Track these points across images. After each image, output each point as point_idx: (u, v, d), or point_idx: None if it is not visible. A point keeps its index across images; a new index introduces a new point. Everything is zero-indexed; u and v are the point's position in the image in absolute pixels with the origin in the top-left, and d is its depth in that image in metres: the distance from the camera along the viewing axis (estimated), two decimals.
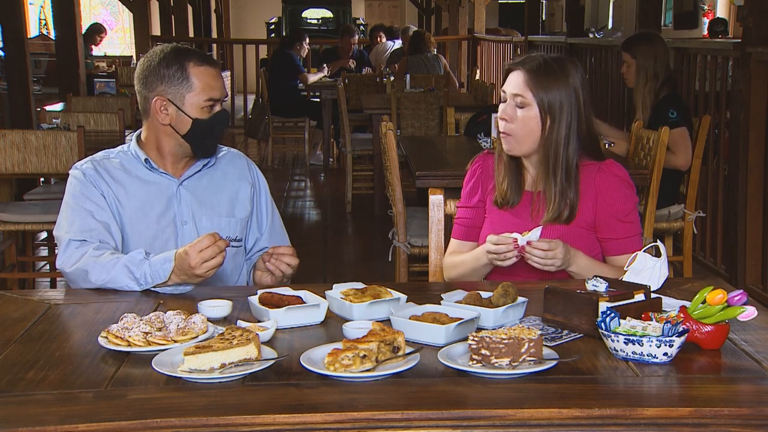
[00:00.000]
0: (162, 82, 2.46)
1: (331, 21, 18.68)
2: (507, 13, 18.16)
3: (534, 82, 2.39)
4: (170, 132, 2.49)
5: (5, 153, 4.33)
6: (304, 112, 9.49)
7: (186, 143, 2.49)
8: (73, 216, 2.42)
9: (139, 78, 2.51)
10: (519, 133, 2.42)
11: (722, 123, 5.14)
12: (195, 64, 2.46)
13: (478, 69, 11.22)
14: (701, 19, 12.70)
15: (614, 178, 2.45)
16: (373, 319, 1.89)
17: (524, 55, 2.47)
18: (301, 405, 1.55)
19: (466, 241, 2.60)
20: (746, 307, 1.83)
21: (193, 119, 2.46)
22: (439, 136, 6.19)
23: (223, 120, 2.52)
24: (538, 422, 1.53)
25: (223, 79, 2.57)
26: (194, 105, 2.46)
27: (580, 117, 2.42)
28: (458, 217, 2.63)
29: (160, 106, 2.47)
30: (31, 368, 1.73)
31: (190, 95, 2.46)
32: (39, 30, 13.63)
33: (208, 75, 2.47)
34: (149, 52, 2.53)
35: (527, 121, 2.40)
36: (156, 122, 2.49)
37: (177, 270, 2.22)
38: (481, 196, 2.58)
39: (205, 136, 2.50)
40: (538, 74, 2.40)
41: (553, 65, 2.42)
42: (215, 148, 2.58)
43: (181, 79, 2.45)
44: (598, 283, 1.99)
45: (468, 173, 2.62)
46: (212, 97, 2.47)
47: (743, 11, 4.97)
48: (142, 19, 11.94)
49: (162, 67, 2.46)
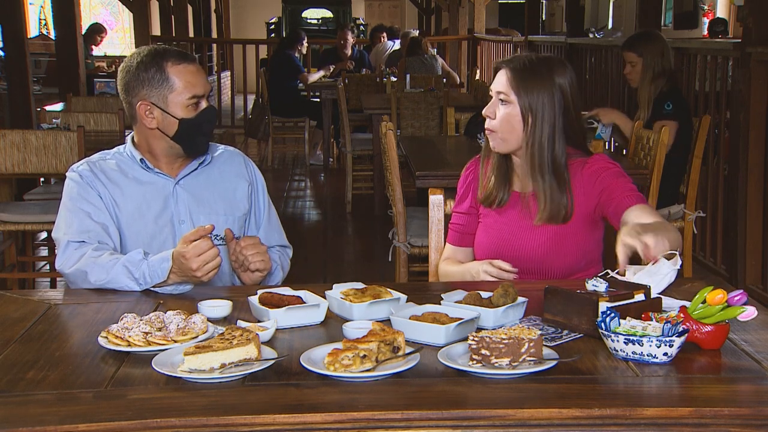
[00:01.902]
0: (143, 87, 2.44)
1: (331, 21, 18.68)
2: (507, 13, 18.17)
3: (517, 81, 2.40)
4: (159, 135, 2.48)
5: (5, 153, 4.33)
6: (304, 112, 9.50)
7: (176, 144, 2.48)
8: (71, 218, 2.42)
9: (121, 86, 2.50)
10: (501, 130, 2.43)
11: (722, 123, 5.14)
12: (173, 63, 2.44)
13: (478, 69, 11.22)
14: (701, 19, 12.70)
15: (600, 165, 2.45)
16: (373, 319, 1.89)
17: (513, 55, 2.47)
18: (301, 405, 1.55)
19: (460, 247, 2.61)
20: (746, 307, 1.83)
21: (180, 119, 2.45)
22: (439, 136, 6.20)
23: (211, 116, 2.51)
24: (538, 422, 1.53)
25: (205, 74, 2.55)
26: (178, 104, 2.45)
27: (568, 116, 2.42)
28: (452, 223, 2.64)
29: (144, 110, 2.45)
30: (31, 368, 1.73)
31: (173, 95, 2.44)
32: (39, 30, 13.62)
33: (188, 72, 2.46)
34: (126, 58, 2.51)
35: (509, 118, 2.41)
36: (144, 127, 2.49)
37: (176, 270, 2.22)
38: (472, 202, 2.58)
39: (194, 134, 2.48)
40: (521, 73, 2.41)
41: (538, 65, 2.42)
42: (206, 146, 2.56)
43: (161, 80, 2.43)
44: (598, 283, 1.99)
45: (461, 178, 2.64)
46: (195, 94, 2.45)
47: (743, 11, 4.97)
48: (142, 19, 11.93)
49: (141, 72, 2.44)
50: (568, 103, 2.42)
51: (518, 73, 2.41)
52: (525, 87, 2.39)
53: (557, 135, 2.41)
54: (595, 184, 2.42)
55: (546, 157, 2.40)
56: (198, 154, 2.55)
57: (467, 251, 2.59)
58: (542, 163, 2.41)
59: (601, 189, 2.42)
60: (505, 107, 2.42)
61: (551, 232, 2.43)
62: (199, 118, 2.47)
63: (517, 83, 2.40)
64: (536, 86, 2.39)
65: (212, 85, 8.75)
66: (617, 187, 2.40)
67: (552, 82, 2.40)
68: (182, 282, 2.25)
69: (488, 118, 2.46)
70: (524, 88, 2.39)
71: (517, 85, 2.40)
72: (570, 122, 2.43)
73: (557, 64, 2.45)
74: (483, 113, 2.48)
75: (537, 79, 2.40)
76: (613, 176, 2.42)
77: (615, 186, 2.40)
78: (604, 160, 2.47)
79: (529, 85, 2.39)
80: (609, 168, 2.44)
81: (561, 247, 2.43)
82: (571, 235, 2.43)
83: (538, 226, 2.44)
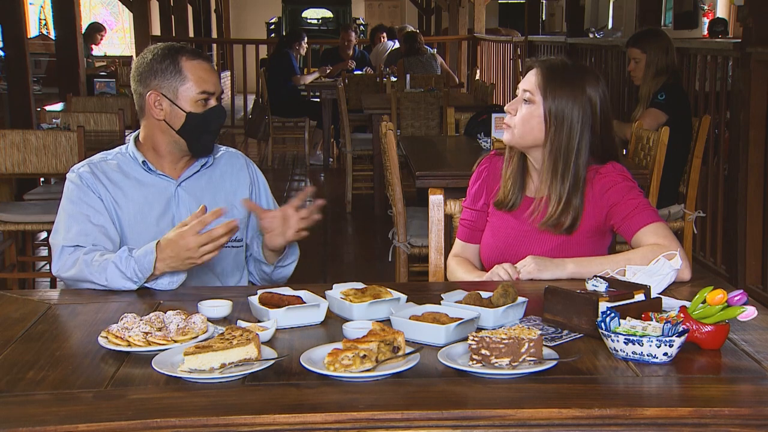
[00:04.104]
0: (155, 77, 2.46)
1: (331, 21, 18.67)
2: (507, 13, 18.16)
3: (545, 82, 2.37)
4: (165, 128, 2.48)
5: (5, 153, 4.34)
6: (304, 112, 9.50)
7: (181, 139, 2.48)
8: (70, 221, 2.42)
9: (134, 76, 2.52)
10: (519, 127, 2.40)
11: (722, 123, 5.14)
12: (187, 58, 2.47)
13: (478, 69, 11.22)
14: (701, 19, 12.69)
15: (612, 178, 2.42)
16: (373, 319, 1.89)
17: (549, 56, 2.44)
18: (301, 405, 1.55)
19: (469, 243, 2.60)
20: (746, 307, 1.83)
21: (187, 113, 2.45)
22: (439, 136, 6.20)
23: (219, 115, 2.51)
24: (538, 422, 1.53)
25: (218, 75, 2.56)
26: (188, 98, 2.46)
27: (595, 131, 2.38)
28: (463, 218, 2.62)
29: (154, 100, 2.47)
30: (31, 368, 1.73)
31: (184, 88, 2.45)
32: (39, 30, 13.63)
33: (201, 68, 2.48)
34: (143, 52, 2.54)
35: (529, 118, 2.38)
36: (152, 119, 2.49)
37: (164, 257, 2.21)
38: (485, 200, 2.56)
39: (200, 131, 2.48)
40: (552, 77, 2.37)
41: (572, 72, 2.38)
42: (212, 146, 2.56)
43: (173, 72, 2.45)
44: (598, 283, 1.99)
45: (474, 174, 2.61)
46: (206, 90, 2.46)
47: (743, 11, 4.97)
48: (142, 19, 11.93)
49: (155, 63, 2.47)
50: (596, 118, 2.37)
51: (549, 75, 2.37)
52: (553, 91, 2.36)
53: (583, 147, 2.37)
54: (604, 196, 2.40)
55: (570, 165, 2.37)
56: (202, 154, 2.55)
57: (476, 248, 2.58)
58: (565, 169, 2.37)
59: (611, 204, 2.39)
60: (528, 106, 2.39)
61: (558, 240, 2.41)
62: (207, 115, 2.48)
63: (545, 85, 2.37)
64: (565, 94, 2.36)
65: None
66: (627, 202, 2.38)
67: (582, 92, 2.36)
68: (173, 271, 2.25)
69: (509, 114, 2.43)
70: (552, 92, 2.36)
71: (545, 87, 2.37)
72: (596, 138, 2.39)
73: (591, 76, 2.41)
74: (505, 108, 2.45)
75: (567, 86, 2.36)
76: (623, 191, 2.39)
77: (625, 202, 2.38)
78: (616, 172, 2.42)
79: (557, 89, 2.36)
80: (619, 182, 2.40)
81: (567, 255, 2.38)
82: (578, 245, 2.41)
83: (545, 232, 2.42)
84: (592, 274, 2.10)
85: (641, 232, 2.34)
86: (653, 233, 2.33)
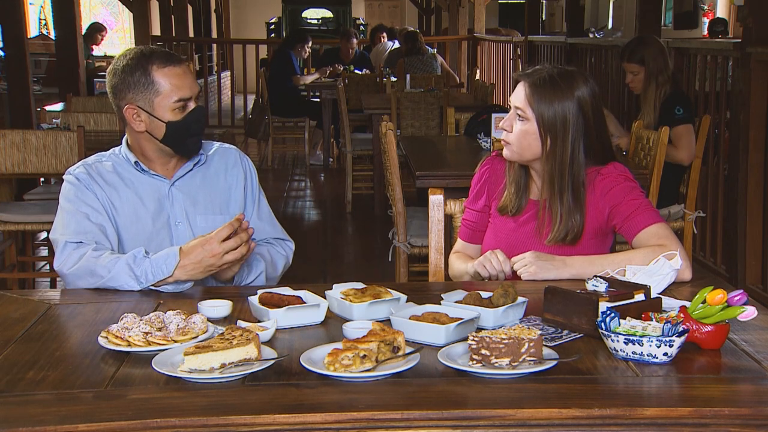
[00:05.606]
0: (129, 90, 2.42)
1: (331, 21, 18.67)
2: (507, 13, 18.16)
3: (535, 97, 2.36)
4: (148, 138, 2.47)
5: (5, 153, 4.33)
6: (304, 112, 9.49)
7: (166, 147, 2.47)
8: (69, 219, 2.42)
9: (109, 88, 2.48)
10: (516, 145, 2.40)
11: (722, 123, 5.14)
12: (159, 66, 2.41)
13: (478, 69, 11.22)
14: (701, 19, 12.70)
15: (612, 178, 2.42)
16: (373, 319, 1.89)
17: (533, 67, 2.43)
18: (301, 405, 1.55)
19: (470, 243, 2.60)
20: (746, 307, 1.83)
21: (167, 123, 2.43)
22: (439, 136, 6.20)
23: (199, 117, 2.48)
24: (538, 422, 1.53)
25: (193, 75, 2.51)
26: (164, 108, 2.42)
27: (589, 131, 2.38)
28: (464, 219, 2.62)
29: (132, 114, 2.44)
30: (31, 368, 1.73)
31: (159, 99, 2.41)
32: (39, 30, 13.63)
33: (174, 75, 2.42)
34: (114, 61, 2.48)
35: (525, 135, 2.38)
36: (133, 130, 2.48)
37: (186, 263, 2.22)
38: (486, 201, 2.56)
39: (183, 137, 2.46)
40: (541, 90, 2.36)
41: (558, 81, 2.36)
42: (198, 146, 2.54)
43: (146, 84, 2.41)
44: (598, 283, 1.99)
45: (476, 175, 2.60)
46: (182, 97, 2.43)
47: (743, 11, 4.97)
48: (142, 19, 11.92)
49: (126, 75, 2.42)
50: (589, 121, 2.37)
51: (537, 88, 2.36)
52: (542, 104, 2.35)
53: (578, 153, 2.37)
54: (605, 197, 2.40)
55: (567, 175, 2.36)
56: (190, 155, 2.54)
57: (477, 248, 2.58)
58: (562, 182, 2.37)
59: (612, 205, 2.39)
60: (522, 123, 2.38)
61: (556, 251, 2.39)
62: (187, 120, 2.45)
63: (534, 100, 2.35)
64: (555, 103, 2.34)
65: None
66: (628, 203, 2.37)
67: (572, 97, 2.35)
68: (187, 279, 2.25)
69: (505, 131, 2.43)
70: (541, 105, 2.35)
71: (535, 102, 2.35)
72: (592, 140, 2.39)
73: (578, 77, 2.39)
74: (500, 125, 2.44)
75: (556, 96, 2.35)
76: (625, 192, 2.39)
77: (626, 202, 2.37)
78: (618, 173, 2.42)
79: (547, 102, 2.35)
80: (620, 183, 2.40)
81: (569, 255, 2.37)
82: (579, 248, 2.41)
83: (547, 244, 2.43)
84: (593, 274, 2.10)
85: (642, 232, 2.34)
86: (654, 234, 2.33)
